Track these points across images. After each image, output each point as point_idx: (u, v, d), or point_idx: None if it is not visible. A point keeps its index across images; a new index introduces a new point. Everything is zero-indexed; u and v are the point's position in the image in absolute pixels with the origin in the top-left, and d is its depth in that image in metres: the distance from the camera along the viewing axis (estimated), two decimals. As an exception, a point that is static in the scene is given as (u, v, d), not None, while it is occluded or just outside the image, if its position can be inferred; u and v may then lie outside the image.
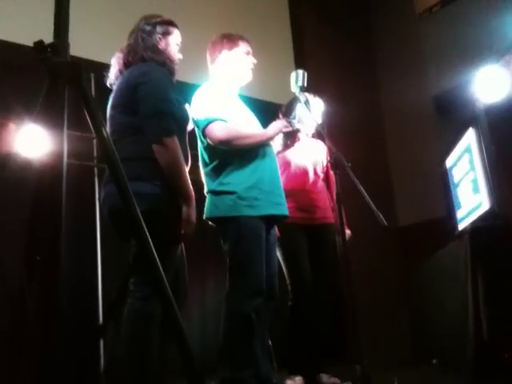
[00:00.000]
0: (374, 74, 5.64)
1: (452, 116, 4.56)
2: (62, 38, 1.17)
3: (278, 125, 2.60)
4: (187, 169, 2.15)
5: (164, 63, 2.23)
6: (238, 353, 2.31)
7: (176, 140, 2.06)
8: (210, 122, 2.45)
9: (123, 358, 1.97)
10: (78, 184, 3.63)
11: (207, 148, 2.53)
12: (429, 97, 5.04)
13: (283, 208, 2.59)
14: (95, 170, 3.64)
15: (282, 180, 3.05)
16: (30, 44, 1.16)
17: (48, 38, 1.19)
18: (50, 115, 1.11)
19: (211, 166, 2.52)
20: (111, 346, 3.12)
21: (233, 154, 2.47)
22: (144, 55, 2.20)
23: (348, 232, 3.24)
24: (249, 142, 2.50)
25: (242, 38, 2.70)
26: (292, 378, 2.98)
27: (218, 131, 2.43)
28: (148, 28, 2.26)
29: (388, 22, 5.56)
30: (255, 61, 2.71)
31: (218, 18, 4.23)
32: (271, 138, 2.61)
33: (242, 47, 2.67)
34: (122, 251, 2.26)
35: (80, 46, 2.51)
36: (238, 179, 2.45)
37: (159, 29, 2.27)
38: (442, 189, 4.08)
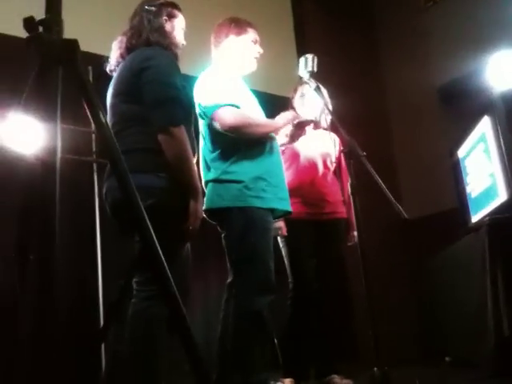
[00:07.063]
0: (378, 64, 5.50)
1: (459, 106, 4.43)
2: (54, 13, 1.04)
3: (287, 115, 2.51)
4: (194, 160, 2.02)
5: (168, 47, 2.09)
6: (253, 354, 2.19)
7: (183, 129, 1.94)
8: (219, 107, 2.31)
9: (128, 360, 1.87)
10: (77, 180, 3.51)
11: (212, 135, 2.40)
12: (435, 87, 4.90)
13: (287, 204, 2.46)
14: (94, 165, 3.52)
15: (289, 173, 2.92)
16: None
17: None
18: (43, 99, 0.98)
19: (215, 153, 2.38)
20: (113, 347, 3.01)
21: (240, 143, 2.35)
22: (150, 37, 2.06)
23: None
24: (259, 131, 2.39)
25: (250, 25, 2.56)
26: (281, 381, 2.80)
27: (229, 117, 2.30)
28: (153, 9, 2.11)
29: (392, 11, 5.43)
30: (261, 50, 2.56)
31: (217, 7, 4.09)
32: (280, 129, 2.50)
33: (251, 34, 2.54)
34: (123, 249, 2.14)
35: (76, 37, 2.39)
36: (245, 169, 2.32)
37: (165, 10, 2.14)
38: (453, 180, 3.96)
